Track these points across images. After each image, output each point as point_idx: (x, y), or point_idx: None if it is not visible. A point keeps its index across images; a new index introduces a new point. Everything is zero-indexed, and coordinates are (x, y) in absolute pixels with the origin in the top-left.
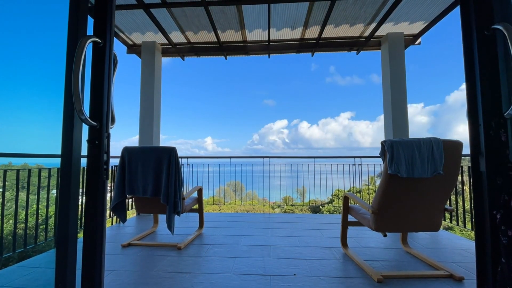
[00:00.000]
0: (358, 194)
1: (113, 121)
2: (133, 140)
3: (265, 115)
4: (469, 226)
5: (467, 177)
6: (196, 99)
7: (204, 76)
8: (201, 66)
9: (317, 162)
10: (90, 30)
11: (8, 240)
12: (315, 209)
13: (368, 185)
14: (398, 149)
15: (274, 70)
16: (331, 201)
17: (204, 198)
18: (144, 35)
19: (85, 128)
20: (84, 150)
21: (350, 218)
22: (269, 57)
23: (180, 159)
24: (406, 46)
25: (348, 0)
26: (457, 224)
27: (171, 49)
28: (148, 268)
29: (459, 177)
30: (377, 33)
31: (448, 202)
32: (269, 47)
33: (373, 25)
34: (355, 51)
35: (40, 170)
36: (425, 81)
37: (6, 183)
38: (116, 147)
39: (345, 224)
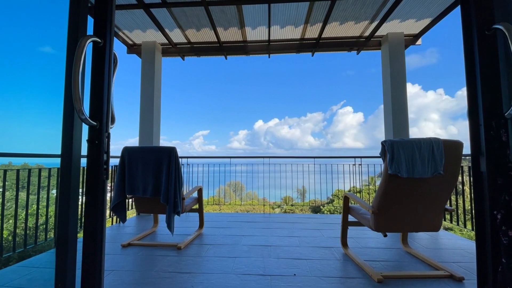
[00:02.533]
0: (358, 194)
1: (113, 121)
2: (133, 142)
3: (255, 115)
4: (469, 226)
5: (467, 177)
6: (181, 99)
7: (191, 76)
8: (186, 65)
9: (317, 162)
10: (90, 30)
11: (8, 240)
12: (315, 209)
13: (368, 185)
14: (398, 149)
15: (272, 70)
16: (331, 201)
17: (204, 198)
18: (144, 35)
19: (85, 128)
20: (84, 150)
21: (350, 218)
22: (269, 57)
23: (180, 159)
24: (406, 46)
25: (348, 0)
26: (457, 224)
27: (171, 49)
28: (148, 268)
29: (459, 177)
30: (377, 33)
31: (448, 202)
32: (269, 47)
33: (373, 25)
34: (355, 51)
35: (40, 170)
36: (425, 80)
37: (6, 183)
38: (114, 149)
39: (345, 224)
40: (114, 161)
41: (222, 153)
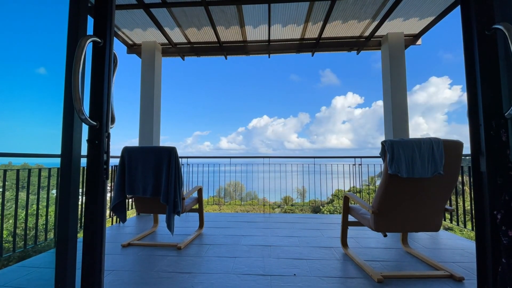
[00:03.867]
0: (358, 194)
1: (113, 121)
2: (133, 143)
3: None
4: (469, 226)
5: (467, 177)
6: (181, 99)
7: (191, 76)
8: (186, 65)
9: (317, 162)
10: (90, 30)
11: (8, 240)
12: (315, 209)
13: (368, 185)
14: (398, 149)
15: (272, 69)
16: (331, 201)
17: (204, 198)
18: (144, 35)
19: (85, 128)
20: (84, 150)
21: (350, 218)
22: (269, 57)
23: (180, 159)
24: (406, 46)
25: (348, 0)
26: (457, 224)
27: (171, 49)
28: (148, 268)
29: (459, 177)
30: (377, 33)
31: (448, 202)
32: (269, 47)
33: (373, 25)
34: (355, 51)
35: (40, 170)
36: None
37: (6, 183)
38: (115, 149)
39: (345, 224)
40: (114, 161)
41: (216, 153)
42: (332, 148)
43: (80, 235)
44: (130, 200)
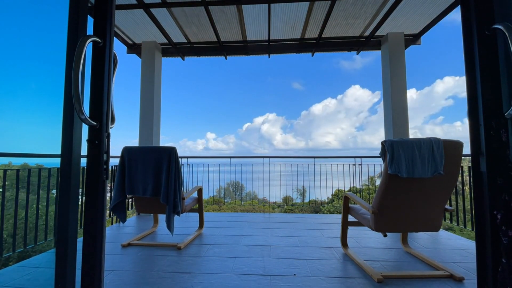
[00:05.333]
0: (358, 194)
1: (113, 121)
2: (133, 143)
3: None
4: (469, 226)
5: (467, 177)
6: (181, 99)
7: (191, 76)
8: (186, 65)
9: (317, 162)
10: (90, 30)
11: (8, 241)
12: (316, 209)
13: (368, 185)
14: (398, 149)
15: (273, 69)
16: (331, 201)
17: (204, 198)
18: (144, 35)
19: (85, 128)
20: (84, 150)
21: (350, 218)
22: (269, 57)
23: (180, 159)
24: (406, 46)
25: (348, 0)
26: (457, 224)
27: (171, 49)
28: (148, 268)
29: (459, 177)
30: (377, 33)
31: (448, 202)
32: (269, 47)
33: (374, 25)
34: (355, 51)
35: (40, 170)
36: (425, 81)
37: (6, 183)
38: (114, 149)
39: (345, 224)
40: (114, 161)
41: (211, 153)
42: (318, 145)
43: (80, 235)
44: (130, 200)
